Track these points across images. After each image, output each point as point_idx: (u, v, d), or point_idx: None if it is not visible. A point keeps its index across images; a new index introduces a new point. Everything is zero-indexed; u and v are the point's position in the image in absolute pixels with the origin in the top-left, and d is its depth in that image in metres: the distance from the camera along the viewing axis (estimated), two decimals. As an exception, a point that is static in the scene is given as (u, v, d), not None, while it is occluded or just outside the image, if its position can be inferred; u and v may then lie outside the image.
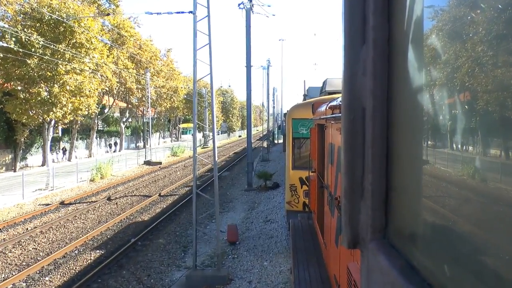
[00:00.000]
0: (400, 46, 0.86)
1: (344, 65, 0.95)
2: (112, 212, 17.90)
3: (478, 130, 0.65)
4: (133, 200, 20.43)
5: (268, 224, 15.08)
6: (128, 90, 43.50)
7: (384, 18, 0.88)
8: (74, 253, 12.50)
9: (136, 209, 18.31)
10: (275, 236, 13.47)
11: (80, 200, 20.66)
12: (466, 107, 0.68)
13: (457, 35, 0.69)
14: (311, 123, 9.23)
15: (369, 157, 0.91)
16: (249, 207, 19.17)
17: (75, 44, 25.03)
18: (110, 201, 20.24)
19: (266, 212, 17.28)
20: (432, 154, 0.78)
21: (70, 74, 24.66)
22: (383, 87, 0.89)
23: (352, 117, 0.94)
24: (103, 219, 16.52)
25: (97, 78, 27.75)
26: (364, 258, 0.96)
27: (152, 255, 12.42)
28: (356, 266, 3.28)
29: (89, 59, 25.89)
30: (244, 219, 16.62)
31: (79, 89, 25.32)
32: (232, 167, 34.75)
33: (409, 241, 0.83)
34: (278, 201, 19.17)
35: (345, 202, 0.96)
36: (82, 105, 26.40)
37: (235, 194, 22.66)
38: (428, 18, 0.77)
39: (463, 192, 0.70)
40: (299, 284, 5.93)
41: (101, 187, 24.76)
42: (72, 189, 24.81)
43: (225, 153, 50.15)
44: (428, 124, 0.79)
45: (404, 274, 0.75)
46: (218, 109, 79.96)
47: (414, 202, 0.83)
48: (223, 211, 18.77)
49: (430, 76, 0.78)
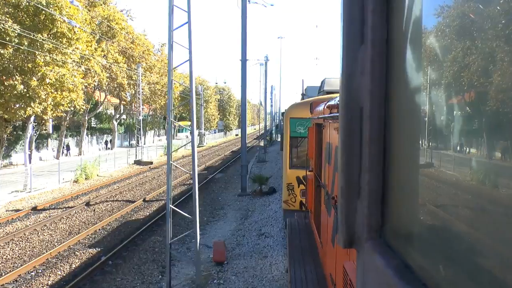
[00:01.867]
0: (398, 46, 0.86)
1: (342, 64, 0.97)
2: (88, 220, 15.92)
3: (475, 131, 0.65)
4: (113, 206, 18.46)
5: (262, 239, 13.15)
6: (119, 86, 41.49)
7: (382, 18, 0.89)
8: (30, 275, 10.52)
9: (115, 217, 16.34)
10: (270, 255, 11.54)
11: (56, 205, 18.68)
12: (463, 107, 0.68)
13: (455, 35, 0.70)
14: (309, 122, 9.16)
15: (366, 157, 0.91)
16: (241, 215, 17.25)
17: (56, 34, 22.98)
18: (88, 207, 18.27)
19: (260, 223, 15.35)
20: (428, 154, 0.78)
21: (50, 66, 22.61)
22: (381, 86, 0.89)
23: (350, 117, 0.95)
24: (75, 230, 14.54)
25: (80, 71, 25.65)
26: (360, 257, 0.97)
27: (122, 279, 10.44)
28: (352, 265, 3.27)
29: (71, 50, 23.81)
30: (234, 231, 14.69)
31: (61, 82, 23.26)
32: (227, 168, 32.79)
33: (405, 240, 0.84)
34: (274, 209, 17.23)
35: (342, 201, 0.97)
36: (64, 100, 24.34)
37: (228, 200, 20.72)
38: (426, 18, 0.77)
39: (459, 192, 0.70)
40: (295, 283, 5.88)
41: (83, 190, 22.81)
42: (52, 191, 22.85)
43: (220, 152, 48.13)
44: (425, 124, 0.79)
45: (399, 273, 0.75)
46: (215, 107, 77.98)
47: (410, 202, 0.84)
48: (212, 220, 16.86)
49: (428, 76, 0.78)
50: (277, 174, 26.07)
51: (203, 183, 24.83)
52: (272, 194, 20.54)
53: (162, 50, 52.32)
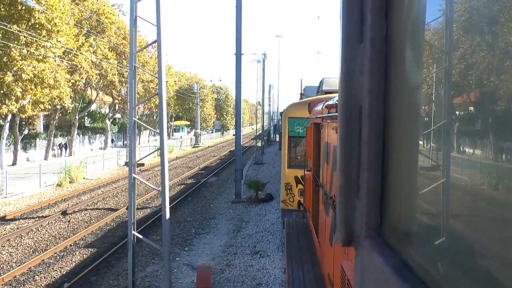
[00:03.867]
0: (397, 45, 0.87)
1: (341, 63, 0.97)
2: (59, 234, 14.01)
3: (474, 130, 0.66)
4: (92, 216, 16.57)
5: (256, 260, 11.28)
6: (110, 84, 39.57)
7: (381, 17, 0.89)
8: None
9: (92, 229, 14.46)
10: (265, 283, 9.68)
11: (29, 214, 16.78)
12: (463, 105, 0.68)
13: (454, 34, 0.70)
14: (308, 122, 9.18)
15: (364, 155, 0.92)
16: (234, 226, 15.38)
17: (35, 25, 21.04)
18: (64, 216, 16.37)
19: (255, 237, 13.49)
20: (427, 153, 0.79)
21: (27, 60, 20.68)
22: (380, 85, 0.90)
23: (349, 115, 0.95)
24: (41, 246, 12.64)
25: (62, 66, 23.72)
26: (358, 256, 0.98)
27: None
28: (350, 265, 3.25)
29: (51, 43, 21.86)
30: (225, 247, 12.82)
31: (40, 78, 21.33)
32: (221, 171, 30.88)
33: (404, 239, 0.84)
34: (272, 220, 15.36)
35: (340, 199, 0.97)
36: (45, 98, 22.42)
37: (220, 207, 18.85)
38: (425, 17, 0.78)
39: (457, 191, 0.70)
40: (292, 282, 5.87)
41: (64, 195, 20.94)
42: (31, 197, 20.96)
43: (216, 153, 46.17)
44: (424, 122, 0.80)
45: (398, 272, 0.76)
46: (211, 107, 76.03)
47: (409, 201, 0.84)
48: (202, 232, 14.99)
49: (427, 75, 0.79)
50: (275, 178, 24.20)
51: (195, 188, 22.97)
52: (269, 202, 18.67)
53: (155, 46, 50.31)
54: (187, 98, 63.92)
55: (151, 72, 48.39)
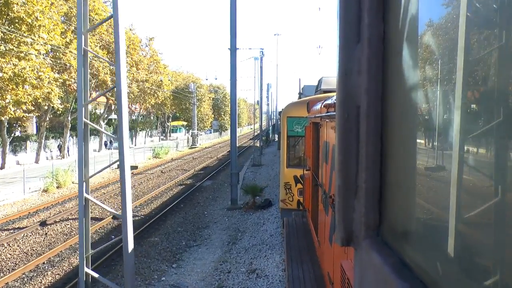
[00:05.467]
0: (394, 45, 0.87)
1: (338, 63, 0.96)
2: (33, 250, 12.51)
3: (472, 129, 0.66)
4: (73, 227, 15.04)
5: (252, 280, 9.79)
6: (102, 83, 38.05)
7: (379, 16, 0.89)
8: None
9: (70, 243, 12.96)
10: (262, 312, 8.21)
11: (4, 225, 15.25)
12: (460, 105, 0.69)
13: (452, 33, 0.70)
14: (306, 121, 9.20)
15: (363, 155, 0.91)
16: (229, 238, 13.90)
17: (14, 20, 19.53)
18: (43, 227, 14.87)
19: (251, 251, 12.01)
20: (426, 153, 0.79)
21: (6, 57, 19.17)
22: (378, 85, 0.89)
23: (347, 115, 0.95)
24: (8, 266, 11.13)
25: (45, 64, 22.20)
26: (357, 255, 0.98)
27: None
28: (350, 264, 3.25)
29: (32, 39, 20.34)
30: (218, 264, 11.34)
31: (20, 77, 19.82)
32: (218, 174, 29.34)
33: (403, 238, 0.84)
34: (270, 231, 13.87)
35: (339, 199, 0.97)
36: (26, 98, 20.91)
37: (214, 215, 17.37)
38: (422, 17, 0.78)
39: (455, 190, 0.70)
40: (292, 281, 5.82)
41: (47, 202, 19.48)
42: (13, 204, 19.50)
43: (213, 155, 44.60)
44: (422, 122, 0.80)
45: (397, 271, 0.76)
46: (209, 106, 74.45)
47: (408, 200, 0.84)
48: (193, 245, 13.53)
49: (424, 75, 0.79)
50: (273, 182, 22.73)
51: (188, 193, 21.49)
52: (268, 209, 17.18)
53: (150, 44, 48.80)
54: (184, 98, 62.38)
55: (145, 71, 46.99)
